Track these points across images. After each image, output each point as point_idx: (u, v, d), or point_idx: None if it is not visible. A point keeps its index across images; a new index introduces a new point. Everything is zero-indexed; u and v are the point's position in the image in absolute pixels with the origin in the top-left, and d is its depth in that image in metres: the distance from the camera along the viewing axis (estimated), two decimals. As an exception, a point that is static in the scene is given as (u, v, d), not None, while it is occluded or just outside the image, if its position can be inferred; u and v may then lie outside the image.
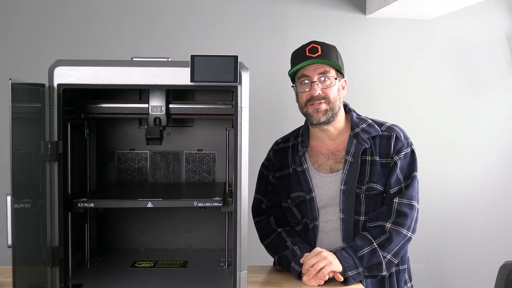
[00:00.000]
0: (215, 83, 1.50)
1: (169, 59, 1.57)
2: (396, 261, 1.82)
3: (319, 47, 1.85)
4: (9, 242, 1.32)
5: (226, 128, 1.75)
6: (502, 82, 3.04)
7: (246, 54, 2.68)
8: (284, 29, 2.90)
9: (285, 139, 2.07)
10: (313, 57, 1.83)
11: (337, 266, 1.74)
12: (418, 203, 1.85)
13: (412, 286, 1.98)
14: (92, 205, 1.57)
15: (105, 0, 2.80)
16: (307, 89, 1.86)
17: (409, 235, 1.82)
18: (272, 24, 2.89)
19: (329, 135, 1.93)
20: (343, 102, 1.96)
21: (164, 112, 1.75)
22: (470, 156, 3.04)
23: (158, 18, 2.83)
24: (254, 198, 2.05)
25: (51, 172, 1.49)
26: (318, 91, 1.84)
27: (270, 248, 1.95)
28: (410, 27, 2.96)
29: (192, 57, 1.49)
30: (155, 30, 2.83)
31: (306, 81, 1.86)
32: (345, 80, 1.94)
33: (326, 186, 1.90)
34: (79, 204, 1.55)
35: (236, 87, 1.51)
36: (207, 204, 1.59)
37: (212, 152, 1.96)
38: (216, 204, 1.59)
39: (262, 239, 1.99)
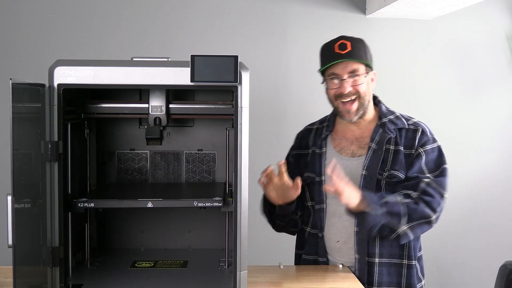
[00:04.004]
0: (215, 83, 1.50)
1: (169, 59, 1.57)
2: (411, 237, 1.80)
3: (348, 44, 1.86)
4: (9, 242, 1.32)
5: (226, 128, 1.75)
6: (502, 82, 3.05)
7: (246, 54, 2.67)
8: (284, 29, 2.90)
9: (312, 123, 2.11)
10: (342, 54, 1.84)
11: (352, 202, 1.72)
12: (447, 192, 1.83)
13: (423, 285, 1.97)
14: (92, 205, 1.57)
15: (105, 0, 2.80)
16: (336, 87, 1.88)
17: (432, 217, 1.79)
18: (272, 24, 2.89)
19: (357, 125, 1.96)
20: (373, 94, 1.98)
21: (164, 112, 1.75)
22: (470, 156, 3.04)
23: (158, 18, 2.83)
24: None
25: (51, 172, 1.49)
26: (348, 88, 1.86)
27: (264, 205, 1.99)
28: (410, 27, 2.96)
29: (192, 57, 1.49)
30: (155, 30, 2.83)
31: (336, 80, 1.87)
32: (374, 73, 1.95)
33: (346, 169, 1.89)
34: (79, 204, 1.55)
35: (236, 87, 1.51)
36: (207, 204, 1.59)
37: (212, 152, 1.96)
38: (216, 204, 1.59)
39: (261, 207, 2.02)
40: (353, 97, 1.87)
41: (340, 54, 1.84)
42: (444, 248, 3.06)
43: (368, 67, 1.91)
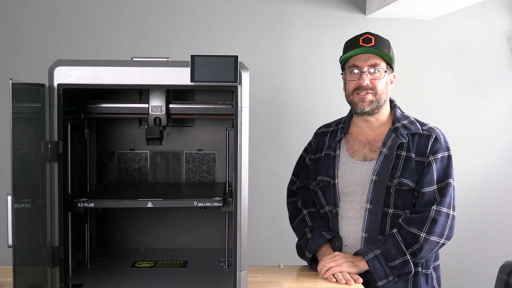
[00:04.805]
0: (215, 83, 1.51)
1: (169, 59, 1.57)
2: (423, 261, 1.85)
3: (373, 38, 1.88)
4: (9, 242, 1.32)
5: (226, 128, 1.75)
6: (502, 82, 3.04)
7: (246, 54, 2.68)
8: (284, 29, 2.90)
9: (327, 125, 2.11)
10: (366, 46, 1.86)
11: (347, 269, 1.79)
12: (454, 210, 1.83)
13: None
14: (92, 205, 1.57)
15: (105, 0, 2.80)
16: (355, 79, 1.88)
17: (441, 241, 1.81)
18: (272, 24, 2.89)
19: (371, 126, 1.95)
20: (390, 98, 1.99)
21: (164, 112, 1.75)
22: (470, 156, 3.04)
23: (158, 18, 2.83)
24: (290, 179, 2.13)
25: (51, 172, 1.49)
26: (366, 81, 1.86)
27: (295, 230, 2.05)
28: (410, 27, 2.96)
29: (192, 57, 1.49)
30: (155, 30, 2.83)
31: (356, 71, 1.88)
32: (394, 75, 1.97)
33: (357, 173, 1.91)
34: (79, 204, 1.55)
35: (236, 87, 1.51)
36: (207, 204, 1.59)
37: (212, 152, 1.96)
38: (216, 204, 1.59)
39: (290, 220, 2.07)
40: (370, 91, 1.87)
41: (363, 46, 1.87)
42: (444, 247, 3.06)
43: (390, 66, 1.92)
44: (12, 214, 1.31)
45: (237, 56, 1.50)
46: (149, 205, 1.57)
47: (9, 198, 1.31)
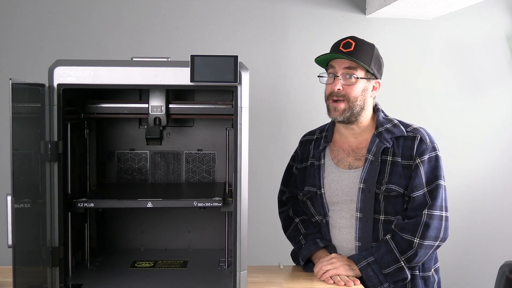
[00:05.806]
0: (215, 83, 1.51)
1: (169, 59, 1.57)
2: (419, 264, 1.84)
3: (353, 44, 1.82)
4: (9, 242, 1.32)
5: (226, 128, 1.75)
6: (502, 82, 3.05)
7: (246, 54, 2.68)
8: (284, 29, 2.90)
9: (311, 132, 2.08)
10: (344, 52, 1.81)
11: (344, 272, 1.77)
12: (447, 211, 1.81)
13: None
14: (92, 205, 1.57)
15: (105, 0, 2.80)
16: (330, 82, 1.85)
17: (436, 244, 1.78)
18: (272, 24, 2.89)
19: (353, 133, 1.91)
20: (374, 102, 1.94)
21: (164, 112, 1.75)
22: (470, 156, 3.04)
23: (158, 18, 2.83)
24: (279, 189, 2.11)
25: (51, 172, 1.49)
26: (338, 86, 1.81)
27: (290, 239, 2.03)
28: (410, 27, 2.96)
29: (192, 57, 1.49)
30: (155, 30, 2.83)
31: (332, 75, 1.85)
32: (378, 82, 1.89)
33: (343, 182, 1.88)
34: (79, 204, 1.55)
35: (236, 87, 1.51)
36: (207, 204, 1.59)
37: (212, 152, 1.96)
38: (216, 204, 1.59)
39: (284, 230, 2.06)
40: (341, 98, 1.82)
41: (341, 51, 1.82)
42: (444, 247, 3.05)
43: (370, 73, 1.85)
44: (12, 214, 1.31)
45: (237, 56, 1.50)
46: (149, 205, 1.57)
47: (9, 198, 1.31)
